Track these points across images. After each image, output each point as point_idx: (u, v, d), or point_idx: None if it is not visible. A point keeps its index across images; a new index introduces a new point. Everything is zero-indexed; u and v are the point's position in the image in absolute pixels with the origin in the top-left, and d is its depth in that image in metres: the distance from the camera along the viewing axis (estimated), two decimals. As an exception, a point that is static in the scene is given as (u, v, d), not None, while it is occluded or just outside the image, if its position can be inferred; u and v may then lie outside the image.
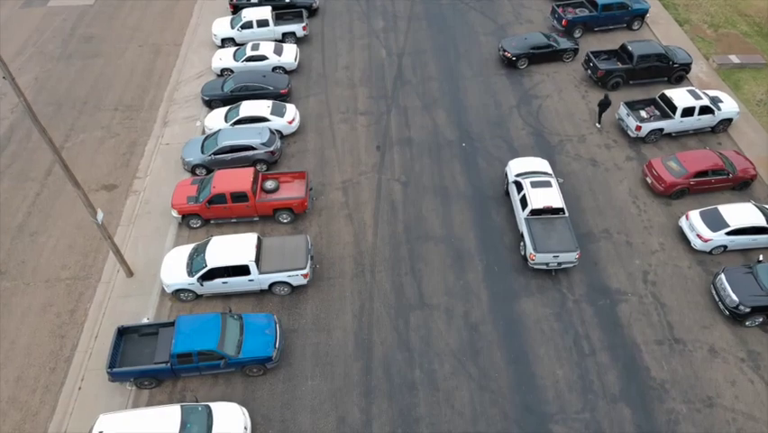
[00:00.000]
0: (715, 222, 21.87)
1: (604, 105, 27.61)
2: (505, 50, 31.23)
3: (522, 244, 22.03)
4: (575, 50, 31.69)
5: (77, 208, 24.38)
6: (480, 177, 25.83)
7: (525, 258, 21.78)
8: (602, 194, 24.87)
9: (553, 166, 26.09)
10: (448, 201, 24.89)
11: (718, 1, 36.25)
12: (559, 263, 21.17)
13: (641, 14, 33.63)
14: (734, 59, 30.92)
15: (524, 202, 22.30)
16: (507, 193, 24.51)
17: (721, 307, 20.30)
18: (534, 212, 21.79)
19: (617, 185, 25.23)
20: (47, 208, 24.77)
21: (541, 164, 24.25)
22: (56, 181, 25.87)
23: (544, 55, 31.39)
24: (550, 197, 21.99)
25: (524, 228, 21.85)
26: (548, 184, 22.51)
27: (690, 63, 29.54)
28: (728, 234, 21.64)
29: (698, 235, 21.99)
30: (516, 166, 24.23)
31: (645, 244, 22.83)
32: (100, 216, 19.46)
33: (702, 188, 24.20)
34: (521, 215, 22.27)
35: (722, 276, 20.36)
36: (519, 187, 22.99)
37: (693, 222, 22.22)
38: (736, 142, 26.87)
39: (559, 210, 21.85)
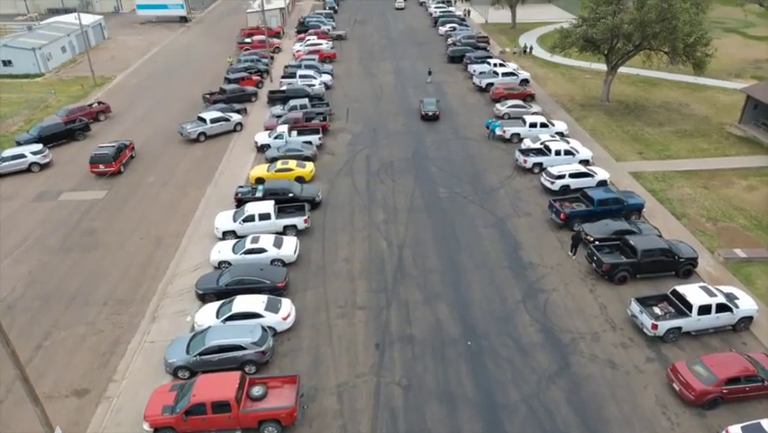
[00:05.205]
0: (762, 441, 19.10)
1: (577, 239, 30.92)
2: (587, 234, 31.26)
3: None
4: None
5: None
6: (488, 380, 23.54)
7: None
8: (626, 402, 22.32)
9: (568, 368, 23.96)
10: (455, 409, 22.30)
11: (711, 196, 37.15)
12: None
13: (637, 209, 34.14)
14: (740, 253, 30.43)
15: None
16: None
17: None
18: None
19: (641, 391, 22.79)
20: (6, 420, 22.13)
21: None
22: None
23: None
24: None
25: None
26: None
27: (697, 258, 28.94)
28: (780, 455, 18.77)
29: (745, 457, 19.05)
30: None
31: (686, 467, 19.75)
32: (57, 435, 17.02)
33: (737, 397, 21.74)
34: None
35: None
36: None
37: (737, 440, 19.43)
38: (762, 342, 25.01)
39: None
